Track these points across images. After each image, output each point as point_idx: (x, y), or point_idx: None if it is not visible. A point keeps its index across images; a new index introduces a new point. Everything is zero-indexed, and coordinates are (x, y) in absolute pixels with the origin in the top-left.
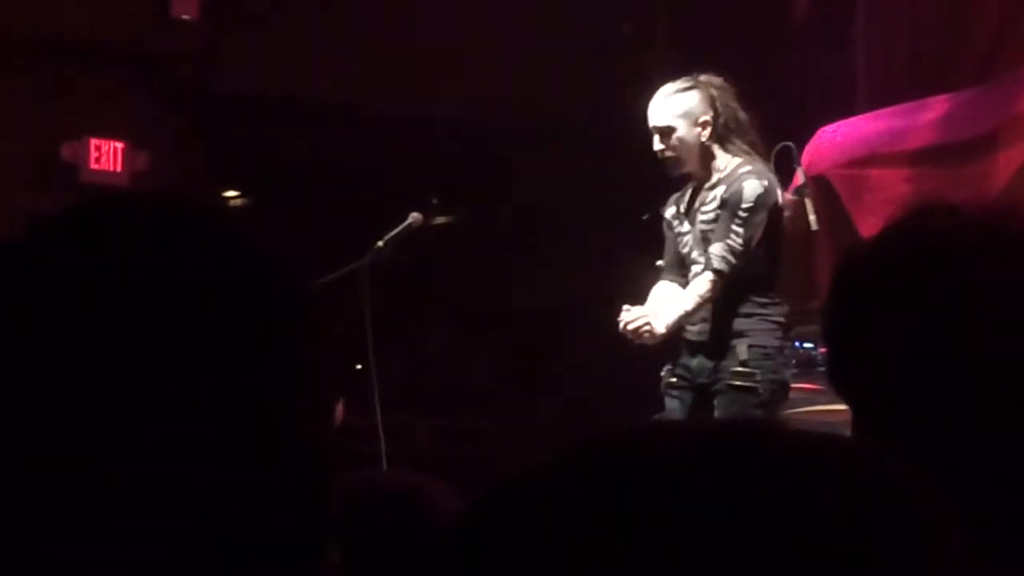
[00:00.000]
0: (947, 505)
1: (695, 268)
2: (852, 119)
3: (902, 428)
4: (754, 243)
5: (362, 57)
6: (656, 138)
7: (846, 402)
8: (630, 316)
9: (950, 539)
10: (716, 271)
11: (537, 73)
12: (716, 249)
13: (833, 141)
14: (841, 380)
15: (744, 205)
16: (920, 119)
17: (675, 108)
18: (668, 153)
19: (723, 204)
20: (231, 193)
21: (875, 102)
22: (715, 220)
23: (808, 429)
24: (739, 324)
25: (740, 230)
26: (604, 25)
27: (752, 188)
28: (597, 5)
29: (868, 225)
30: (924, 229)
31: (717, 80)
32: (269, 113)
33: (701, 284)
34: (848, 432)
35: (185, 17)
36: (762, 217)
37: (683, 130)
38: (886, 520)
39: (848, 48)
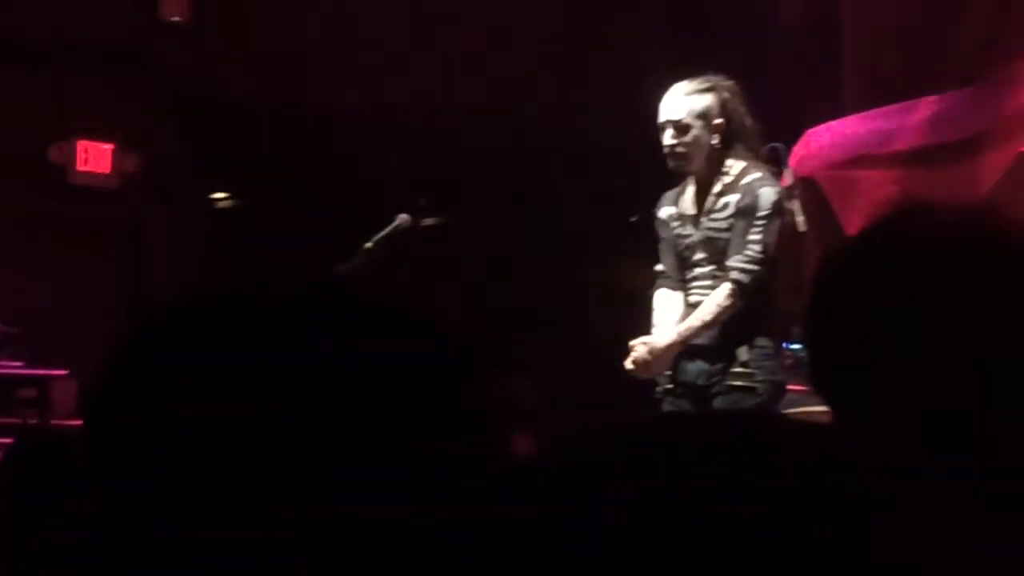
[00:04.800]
0: (936, 480)
1: (698, 270)
2: (840, 121)
3: (881, 427)
4: (772, 250)
5: (353, 59)
6: (669, 132)
7: (826, 402)
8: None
9: (945, 507)
10: (736, 282)
11: (528, 75)
12: (735, 261)
13: (821, 143)
14: (821, 380)
15: (761, 213)
16: (907, 121)
17: (693, 107)
18: (680, 149)
19: (739, 212)
20: (221, 194)
21: (862, 103)
22: (728, 228)
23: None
24: (740, 326)
25: (759, 237)
26: (593, 26)
27: (767, 196)
28: (588, 5)
29: (855, 226)
30: (902, 229)
31: (729, 83)
32: (260, 115)
33: (721, 295)
34: None
35: (175, 19)
36: (778, 224)
37: (698, 130)
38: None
39: (836, 50)
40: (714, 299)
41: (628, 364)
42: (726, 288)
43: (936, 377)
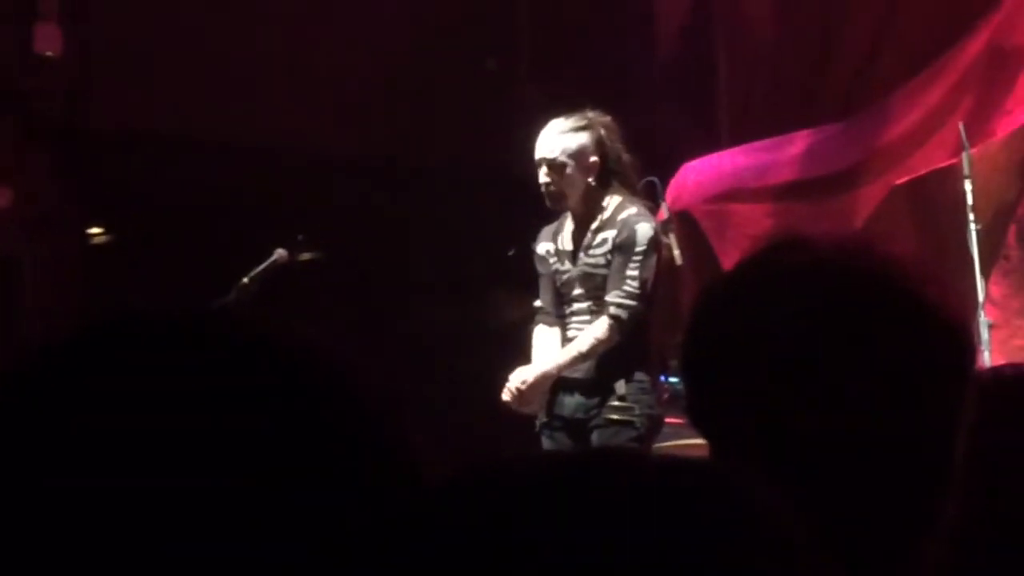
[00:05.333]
0: (801, 527)
1: (576, 305)
2: (715, 154)
3: (758, 462)
4: (649, 285)
5: (229, 93)
6: (543, 170)
7: (703, 436)
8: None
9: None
10: (614, 317)
11: (404, 110)
12: (613, 296)
13: (696, 176)
14: (698, 414)
15: (638, 248)
16: (782, 154)
17: (567, 145)
18: (553, 188)
19: (616, 248)
20: (96, 230)
21: (737, 137)
22: (606, 264)
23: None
24: (617, 360)
25: (636, 273)
26: (469, 62)
27: (644, 231)
28: (462, 42)
29: (732, 260)
30: (779, 263)
31: (606, 120)
32: (135, 149)
33: (599, 328)
34: None
35: (48, 54)
36: (654, 259)
37: (572, 169)
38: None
39: (711, 82)
40: (592, 332)
41: (504, 396)
42: (604, 322)
43: (814, 410)
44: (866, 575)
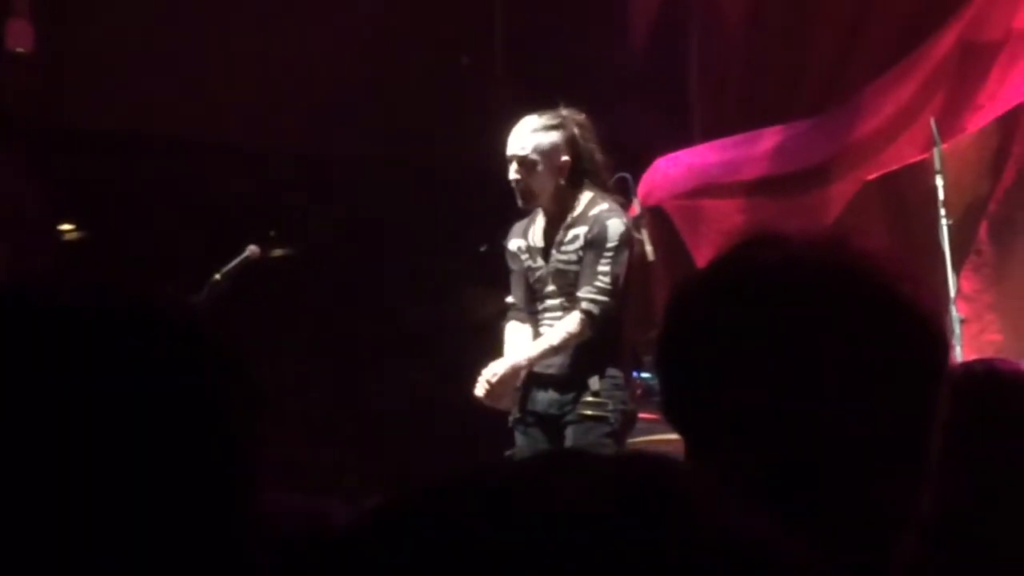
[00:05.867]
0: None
1: (548, 302)
2: (687, 150)
3: (732, 456)
4: (621, 281)
5: (200, 89)
6: (514, 167)
7: (677, 431)
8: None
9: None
10: (587, 312)
11: (379, 106)
12: (585, 292)
13: (668, 172)
14: (673, 409)
15: (610, 244)
16: (754, 150)
17: (538, 143)
18: (523, 185)
19: (588, 244)
20: (67, 226)
21: (709, 133)
22: (578, 261)
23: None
24: (590, 356)
25: (607, 268)
26: (443, 58)
27: (616, 227)
28: (436, 39)
29: (704, 255)
30: (754, 259)
31: (580, 118)
32: (106, 146)
33: (571, 323)
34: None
35: (20, 50)
36: (627, 254)
37: (542, 167)
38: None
39: (684, 79)
40: (564, 326)
41: (477, 391)
42: (576, 316)
43: (788, 405)
44: (840, 567)
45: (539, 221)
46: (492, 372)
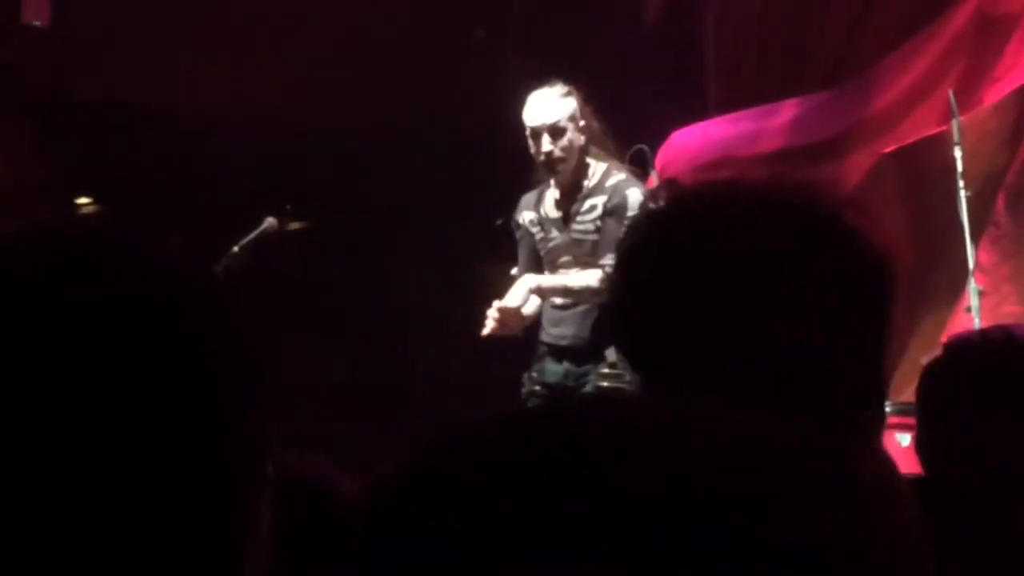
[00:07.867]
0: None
1: (563, 272)
2: (704, 123)
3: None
4: None
5: (219, 61)
6: (546, 138)
7: (634, 369)
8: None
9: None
10: (609, 276)
11: (391, 78)
12: (607, 259)
13: (685, 144)
14: (627, 349)
15: (630, 213)
16: (771, 123)
17: (565, 110)
18: (558, 154)
19: (608, 213)
20: (84, 200)
21: (726, 106)
22: (596, 230)
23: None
24: (606, 327)
25: None
26: (457, 31)
27: (635, 196)
28: (450, 11)
29: None
30: (699, 201)
31: (576, 88)
32: (124, 119)
33: (591, 276)
34: None
35: (36, 23)
36: None
37: (571, 132)
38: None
39: (699, 52)
40: (585, 276)
41: (488, 322)
42: (599, 272)
43: (742, 333)
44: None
45: (551, 193)
46: (500, 304)
